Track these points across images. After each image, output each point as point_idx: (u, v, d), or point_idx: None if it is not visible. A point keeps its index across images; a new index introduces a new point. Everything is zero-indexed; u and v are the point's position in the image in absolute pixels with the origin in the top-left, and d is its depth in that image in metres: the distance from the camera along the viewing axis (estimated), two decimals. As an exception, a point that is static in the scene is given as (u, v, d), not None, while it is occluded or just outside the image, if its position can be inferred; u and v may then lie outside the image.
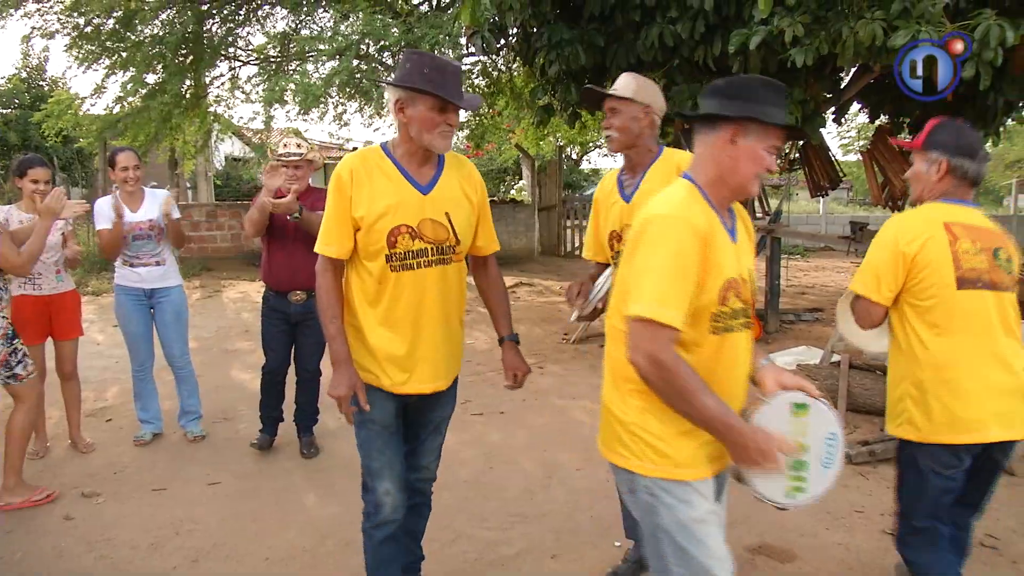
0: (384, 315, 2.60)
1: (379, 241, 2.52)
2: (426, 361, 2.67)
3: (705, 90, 2.12)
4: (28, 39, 12.53)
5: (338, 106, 13.31)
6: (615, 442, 2.13)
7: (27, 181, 4.46)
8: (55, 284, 4.64)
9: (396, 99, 2.50)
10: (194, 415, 5.12)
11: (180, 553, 3.58)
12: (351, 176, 2.52)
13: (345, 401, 2.58)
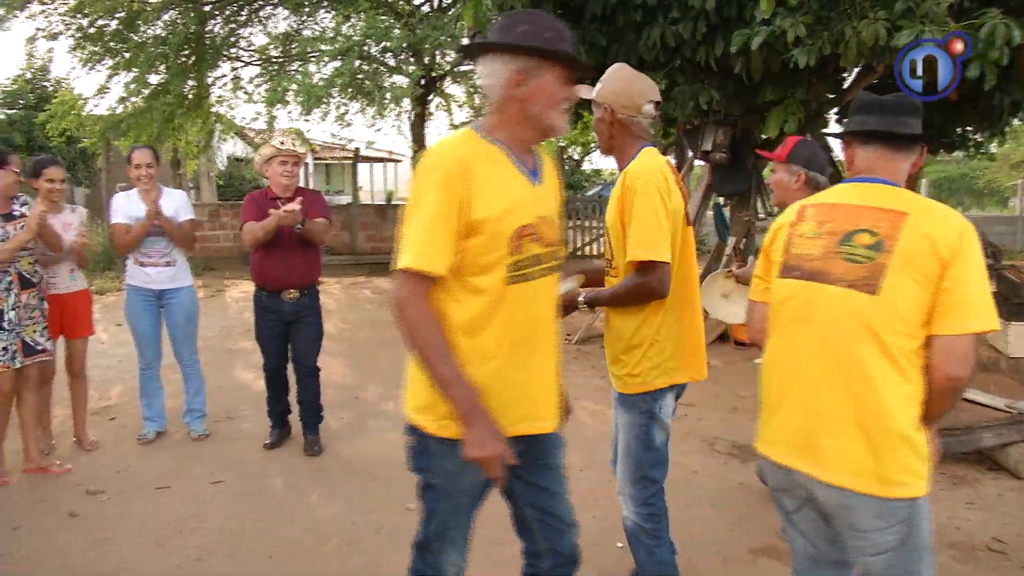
0: (496, 343, 2.06)
1: (500, 248, 2.02)
2: (546, 390, 2.21)
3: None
4: (33, 40, 12.56)
5: (340, 106, 13.33)
6: (901, 472, 1.96)
7: (43, 181, 4.53)
8: (68, 283, 4.67)
9: (517, 68, 2.01)
10: (199, 413, 5.13)
11: (184, 551, 3.58)
12: (462, 169, 1.98)
13: (497, 461, 1.98)
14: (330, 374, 6.58)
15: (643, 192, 2.56)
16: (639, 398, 2.71)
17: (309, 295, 4.80)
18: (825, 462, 2.01)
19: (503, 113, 2.08)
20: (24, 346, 4.28)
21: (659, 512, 2.79)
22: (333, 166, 31.84)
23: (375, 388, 6.36)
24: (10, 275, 4.21)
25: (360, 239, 16.44)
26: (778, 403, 2.16)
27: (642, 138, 2.76)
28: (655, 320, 2.67)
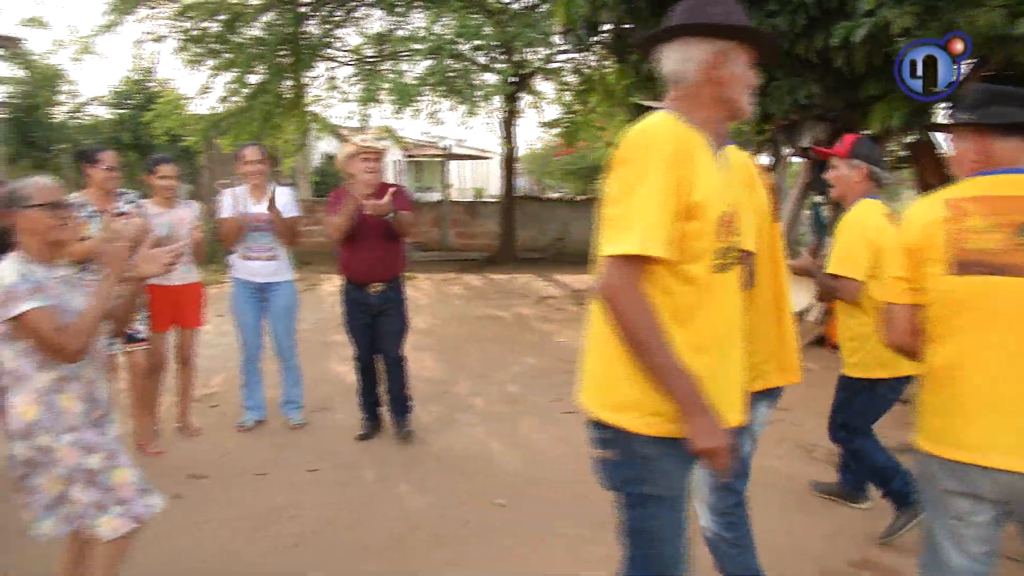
0: (700, 334, 1.94)
1: (710, 234, 1.92)
2: (736, 383, 2.11)
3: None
4: (140, 43, 13.14)
5: (431, 105, 13.48)
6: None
7: (156, 177, 4.79)
8: (183, 275, 4.87)
9: (716, 50, 1.93)
10: (296, 404, 5.29)
11: (281, 537, 3.69)
12: (686, 148, 1.88)
13: (725, 451, 1.88)
14: (420, 368, 6.67)
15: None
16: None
17: (394, 287, 4.90)
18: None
19: (696, 97, 1.97)
20: (124, 335, 4.50)
21: (739, 522, 2.73)
22: (424, 164, 32.28)
23: (464, 383, 6.42)
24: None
25: (450, 236, 16.63)
26: (988, 405, 2.05)
27: None
28: (749, 321, 2.53)
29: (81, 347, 2.49)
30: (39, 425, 2.51)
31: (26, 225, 2.56)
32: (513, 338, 8.26)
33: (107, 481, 2.58)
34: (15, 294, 2.44)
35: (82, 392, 2.59)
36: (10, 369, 2.54)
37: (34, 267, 2.54)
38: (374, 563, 3.46)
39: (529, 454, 4.79)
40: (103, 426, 2.66)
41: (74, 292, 2.63)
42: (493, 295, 11.41)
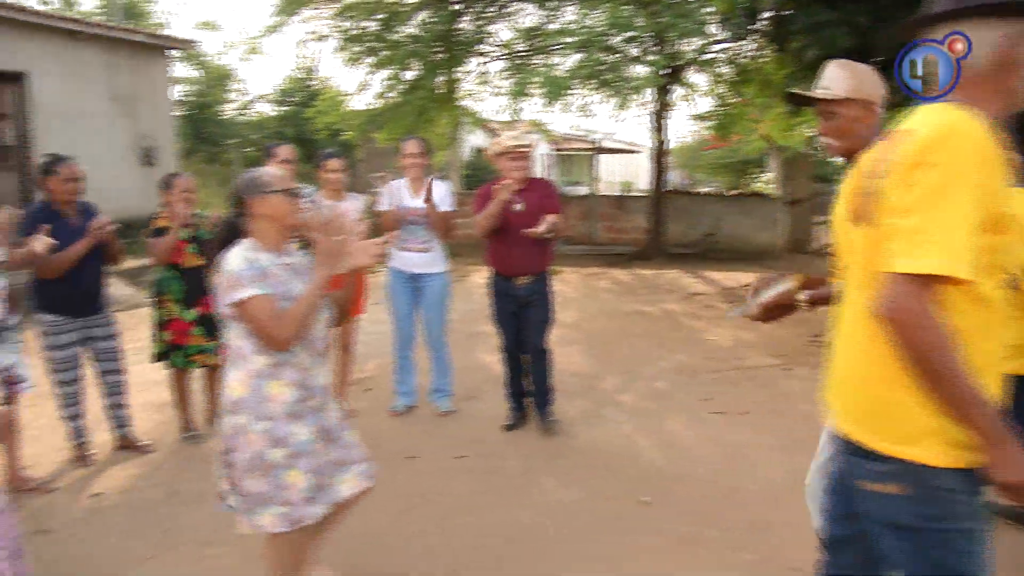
0: (987, 357, 1.72)
1: (1012, 249, 1.76)
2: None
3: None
4: (303, 43, 13.81)
5: (582, 98, 13.46)
6: None
7: (325, 172, 5.07)
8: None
9: (1012, 33, 1.73)
10: (445, 392, 5.43)
11: (427, 520, 3.80)
12: (986, 151, 1.65)
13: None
14: (567, 363, 6.69)
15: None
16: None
17: (541, 280, 4.93)
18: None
19: (985, 87, 1.75)
20: None
21: None
22: (573, 157, 32.32)
23: (612, 378, 6.38)
24: None
25: (598, 230, 16.57)
26: None
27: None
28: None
29: (290, 337, 2.53)
30: (243, 405, 2.60)
31: (265, 210, 2.65)
32: (661, 334, 8.14)
33: (281, 479, 2.62)
34: (240, 280, 2.52)
35: (295, 379, 2.64)
36: (233, 347, 2.66)
37: (261, 254, 2.63)
38: (516, 552, 3.50)
39: (676, 452, 4.71)
40: (317, 414, 2.71)
41: (297, 279, 2.69)
42: (641, 290, 11.28)
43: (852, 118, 2.53)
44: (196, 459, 4.58)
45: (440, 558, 3.44)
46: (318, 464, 2.69)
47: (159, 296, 4.70)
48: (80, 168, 4.34)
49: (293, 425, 2.63)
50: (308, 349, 2.68)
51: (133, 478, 4.33)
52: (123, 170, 12.44)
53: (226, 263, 2.58)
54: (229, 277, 2.54)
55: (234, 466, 2.64)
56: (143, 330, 6.84)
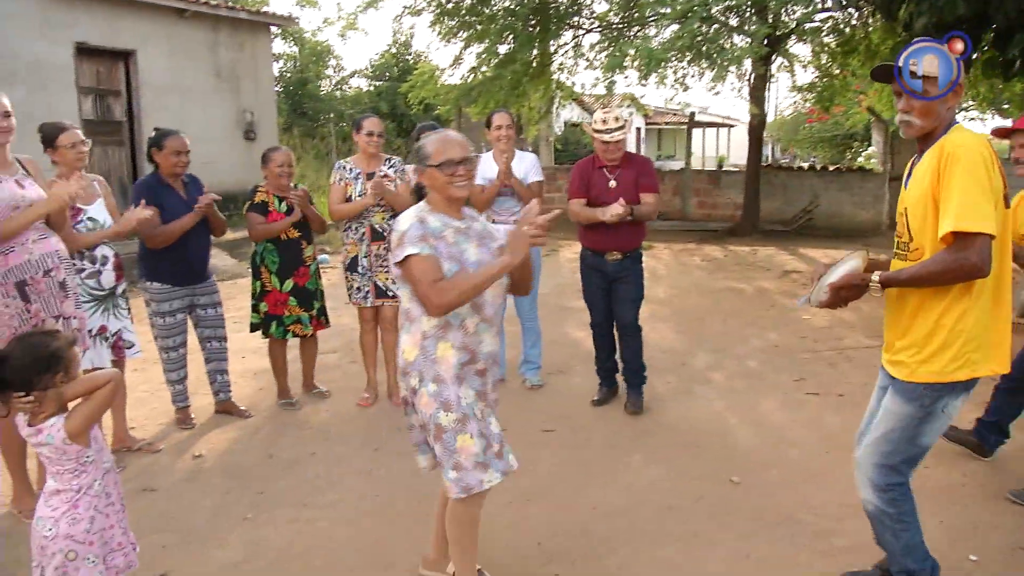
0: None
1: None
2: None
3: None
4: (399, 18, 13.93)
5: (678, 71, 13.16)
6: None
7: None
8: None
9: None
10: (534, 365, 5.45)
11: (515, 491, 3.81)
12: None
13: None
14: (658, 339, 6.61)
15: (968, 161, 2.35)
16: (925, 389, 2.52)
17: (632, 257, 4.87)
18: None
19: None
20: (376, 289, 4.89)
21: (901, 498, 2.69)
22: (665, 131, 31.78)
23: (702, 356, 6.27)
24: (364, 227, 4.85)
25: (692, 205, 16.27)
26: None
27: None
28: (963, 303, 2.45)
29: (446, 304, 2.48)
30: (414, 367, 2.62)
31: (426, 181, 2.67)
32: (754, 312, 7.95)
33: (452, 443, 2.59)
34: (404, 238, 2.54)
35: (461, 343, 2.61)
36: (405, 308, 2.68)
37: (432, 216, 2.63)
38: (603, 527, 3.49)
39: (768, 433, 4.60)
40: (481, 379, 2.69)
41: (471, 244, 2.65)
42: (734, 267, 11.03)
43: (939, 101, 2.49)
44: (291, 425, 4.74)
45: (525, 529, 3.47)
46: (486, 428, 2.66)
47: (257, 268, 4.85)
48: (187, 141, 4.49)
49: (460, 388, 2.61)
50: (477, 314, 2.64)
51: (232, 442, 4.51)
52: (226, 144, 12.87)
53: (399, 222, 2.64)
54: (397, 235, 2.59)
55: (410, 426, 2.75)
56: (243, 300, 7.09)
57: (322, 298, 5.05)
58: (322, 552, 3.30)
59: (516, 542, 3.37)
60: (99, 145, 10.75)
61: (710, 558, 3.24)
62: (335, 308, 6.40)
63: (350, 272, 4.93)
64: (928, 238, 2.47)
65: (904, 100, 2.53)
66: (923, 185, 2.47)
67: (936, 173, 2.41)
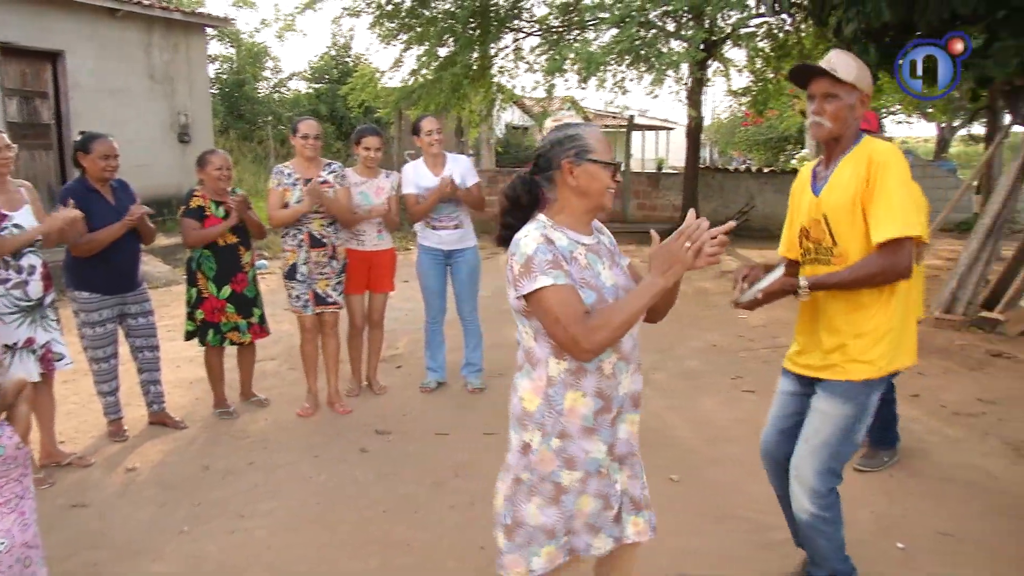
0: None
1: None
2: None
3: None
4: (338, 20, 13.80)
5: (617, 74, 13.29)
6: None
7: (361, 148, 5.03)
8: (376, 242, 5.13)
9: None
10: (476, 368, 5.44)
11: (459, 495, 3.82)
12: None
13: None
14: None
15: (899, 170, 2.50)
16: (861, 387, 2.62)
17: None
18: None
19: None
20: (315, 297, 4.83)
21: (835, 501, 2.75)
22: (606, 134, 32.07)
23: (644, 356, 6.24)
24: (302, 234, 4.76)
25: (631, 207, 16.44)
26: None
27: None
28: (892, 303, 2.59)
29: (597, 347, 1.97)
30: (533, 419, 2.13)
31: (582, 181, 2.09)
32: (693, 313, 8.07)
33: (568, 506, 2.14)
34: (533, 265, 1.99)
35: (596, 388, 2.10)
36: (527, 348, 2.15)
37: (558, 233, 2.08)
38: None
39: (707, 431, 4.68)
40: (612, 429, 2.17)
41: (602, 264, 2.15)
42: (673, 268, 11.16)
43: (849, 105, 2.59)
44: (228, 435, 4.65)
45: (470, 532, 3.45)
46: (609, 488, 2.18)
47: (193, 274, 4.74)
48: (115, 145, 4.37)
49: (588, 442, 2.12)
50: (615, 352, 2.14)
51: (166, 453, 4.40)
52: (160, 147, 12.58)
53: (518, 243, 2.05)
54: (520, 261, 2.01)
55: (515, 492, 2.20)
56: (177, 307, 6.93)
57: (261, 305, 4.96)
58: (262, 562, 3.24)
59: (460, 545, 3.35)
60: (25, 149, 10.38)
61: (656, 555, 3.26)
62: (274, 314, 6.31)
63: (288, 280, 4.84)
64: (856, 243, 2.56)
65: (817, 102, 2.61)
66: (849, 192, 2.55)
67: (865, 181, 2.51)
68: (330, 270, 4.85)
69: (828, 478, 2.70)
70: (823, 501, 2.70)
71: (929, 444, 4.43)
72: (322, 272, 4.82)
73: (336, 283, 4.90)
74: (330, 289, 4.85)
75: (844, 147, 2.63)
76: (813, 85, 2.62)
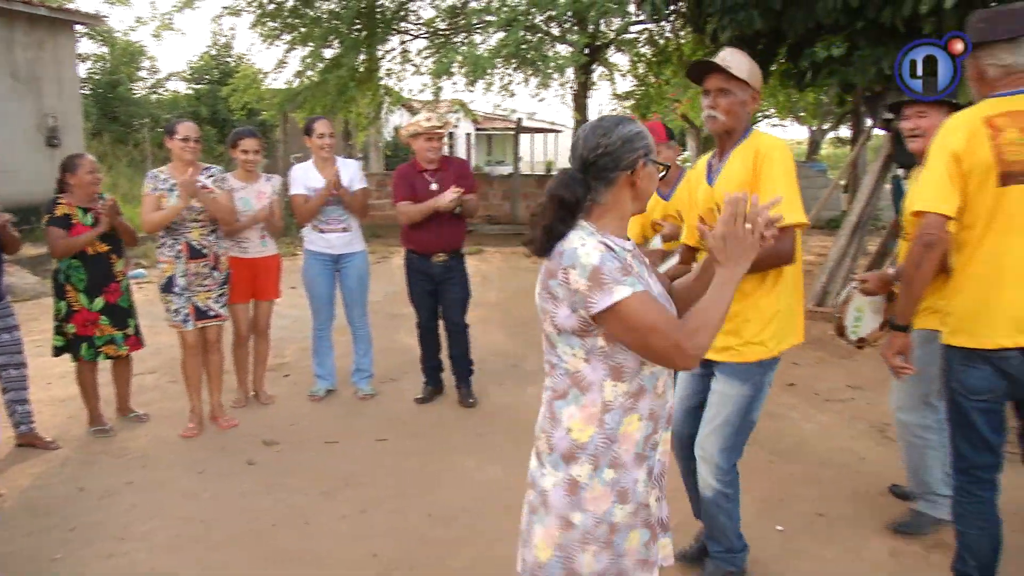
0: None
1: None
2: None
3: None
4: (218, 18, 13.38)
5: (504, 77, 13.41)
6: None
7: (238, 151, 4.87)
8: (260, 248, 4.98)
9: None
10: (366, 374, 5.37)
11: (350, 503, 3.76)
12: None
13: None
14: (491, 342, 6.70)
15: (784, 160, 2.68)
16: (755, 367, 2.79)
17: (455, 258, 5.03)
18: None
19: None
20: (196, 310, 4.58)
21: (735, 478, 2.93)
22: (494, 137, 32.26)
23: (535, 358, 6.40)
24: (179, 244, 4.51)
25: (520, 209, 16.60)
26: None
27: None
28: (778, 286, 2.77)
29: (701, 351, 1.76)
30: (585, 451, 1.87)
31: (641, 183, 1.89)
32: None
33: (622, 545, 1.90)
34: (604, 276, 1.75)
35: (650, 410, 1.90)
36: (574, 371, 1.88)
37: (608, 239, 1.86)
38: (441, 531, 3.50)
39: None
40: (653, 452, 1.95)
41: (644, 269, 1.95)
42: (563, 269, 11.33)
43: (741, 101, 2.75)
44: (105, 454, 4.43)
45: (361, 540, 3.41)
46: (651, 516, 1.96)
47: (62, 286, 4.49)
48: None
49: (638, 470, 1.90)
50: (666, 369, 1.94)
51: (37, 476, 4.15)
52: (26, 151, 11.86)
53: (575, 255, 1.79)
54: (586, 274, 1.76)
55: (566, 541, 1.89)
56: (47, 321, 6.56)
57: (136, 315, 4.75)
58: (142, 585, 3.11)
59: (352, 555, 3.30)
60: None
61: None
62: (153, 325, 6.07)
63: (165, 293, 4.56)
64: None
65: (712, 97, 2.76)
66: (738, 182, 2.69)
67: (752, 171, 2.68)
68: (211, 281, 4.63)
69: (730, 454, 2.87)
70: (726, 478, 2.88)
71: (806, 431, 4.67)
72: (202, 284, 4.59)
73: (219, 295, 4.67)
74: (212, 302, 4.64)
75: (735, 140, 2.80)
76: (708, 81, 2.77)
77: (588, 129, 1.90)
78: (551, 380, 1.95)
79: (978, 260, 2.42)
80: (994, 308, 2.38)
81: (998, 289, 2.38)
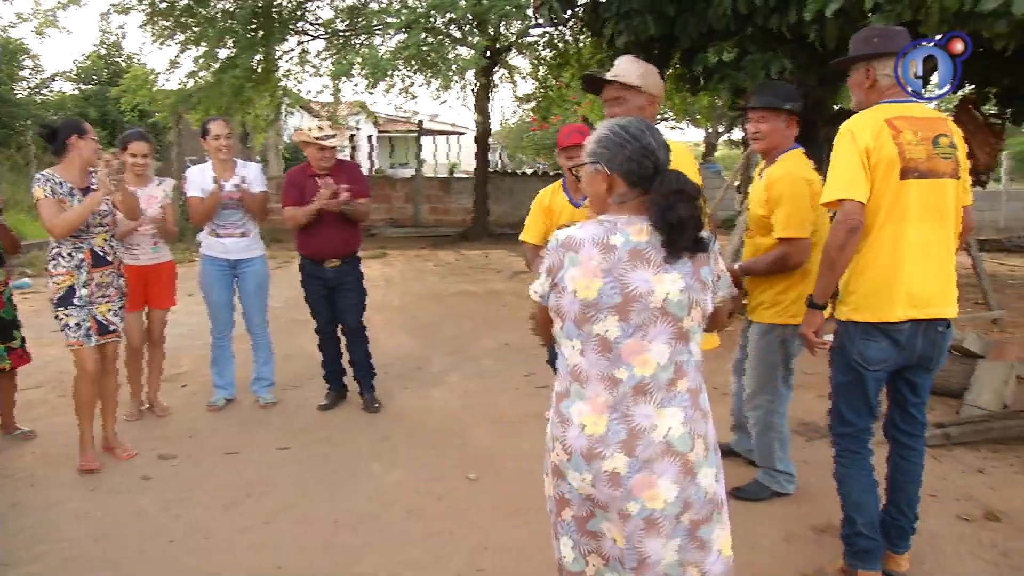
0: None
1: None
2: None
3: None
4: (106, 16, 12.83)
5: (405, 79, 13.34)
6: None
7: (127, 155, 4.68)
8: (151, 254, 4.81)
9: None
10: (267, 382, 5.27)
11: (252, 514, 3.68)
12: None
13: None
14: (395, 345, 6.67)
15: (683, 160, 2.81)
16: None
17: (350, 263, 5.00)
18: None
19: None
20: (97, 325, 4.16)
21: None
22: (397, 139, 32.02)
23: (439, 360, 6.41)
24: (82, 252, 4.09)
25: (423, 211, 16.55)
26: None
27: None
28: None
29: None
30: (701, 427, 1.94)
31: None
32: (487, 314, 8.26)
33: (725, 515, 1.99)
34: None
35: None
36: (696, 360, 1.95)
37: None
38: (347, 538, 3.46)
39: (502, 428, 4.81)
40: None
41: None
42: (467, 271, 11.39)
43: (638, 107, 2.85)
44: (-12, 471, 4.20)
45: (265, 552, 3.34)
46: None
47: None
48: None
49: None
50: None
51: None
52: None
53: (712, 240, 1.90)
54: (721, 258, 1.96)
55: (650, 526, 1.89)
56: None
57: (21, 327, 4.52)
58: (30, 609, 2.97)
59: (256, 568, 3.23)
60: None
61: (453, 554, 3.33)
62: (40, 338, 5.80)
63: (63, 307, 4.06)
64: None
65: (608, 107, 2.88)
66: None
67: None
68: (114, 291, 4.24)
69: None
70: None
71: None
72: (105, 295, 4.20)
73: (119, 307, 4.29)
74: (111, 315, 4.23)
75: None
76: (604, 91, 2.87)
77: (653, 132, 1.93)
78: (687, 381, 1.91)
79: (879, 245, 2.71)
80: (894, 286, 2.70)
81: (896, 271, 2.69)
